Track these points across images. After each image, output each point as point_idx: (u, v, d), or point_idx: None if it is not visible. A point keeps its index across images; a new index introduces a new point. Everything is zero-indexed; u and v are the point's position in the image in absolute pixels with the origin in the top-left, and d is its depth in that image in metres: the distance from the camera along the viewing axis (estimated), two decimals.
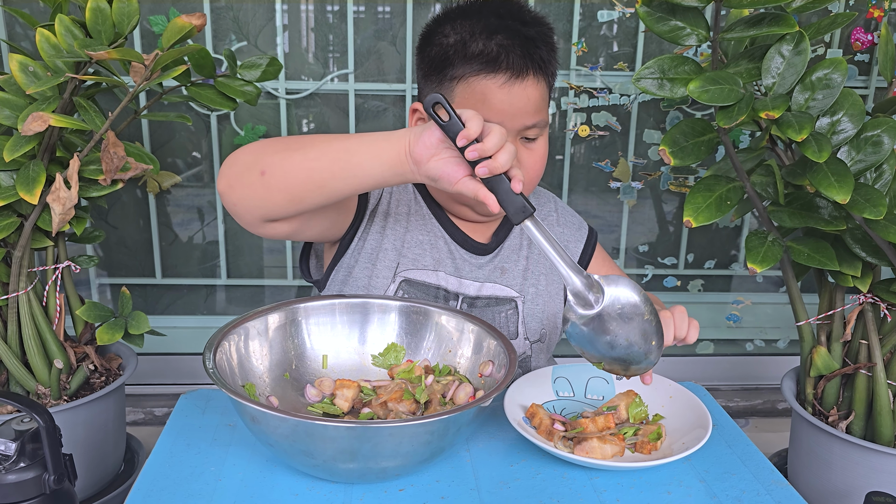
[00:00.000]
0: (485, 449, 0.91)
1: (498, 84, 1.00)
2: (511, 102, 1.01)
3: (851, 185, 1.13)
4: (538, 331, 1.15)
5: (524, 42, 1.01)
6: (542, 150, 1.08)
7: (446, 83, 1.03)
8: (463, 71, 1.01)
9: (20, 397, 0.86)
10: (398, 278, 1.09)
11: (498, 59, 0.99)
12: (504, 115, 1.01)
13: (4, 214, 1.32)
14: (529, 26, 1.03)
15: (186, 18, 1.22)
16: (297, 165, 0.89)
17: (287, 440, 0.77)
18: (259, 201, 0.91)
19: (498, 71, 1.00)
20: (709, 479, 0.87)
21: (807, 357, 1.45)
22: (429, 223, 1.13)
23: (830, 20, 1.29)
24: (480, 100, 1.00)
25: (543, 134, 1.07)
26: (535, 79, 1.02)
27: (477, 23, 1.02)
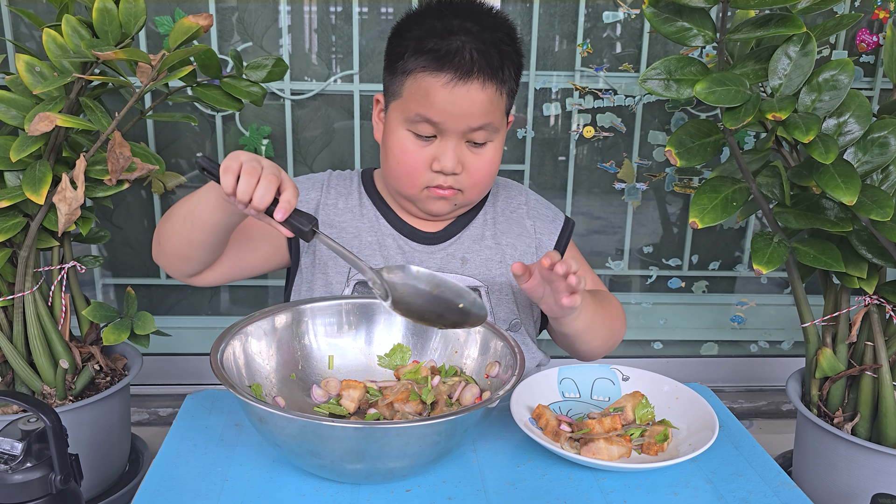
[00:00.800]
0: (491, 450, 0.91)
1: (441, 83, 1.00)
2: (453, 103, 1.01)
3: (858, 187, 1.13)
4: (509, 319, 1.14)
5: (476, 45, 1.01)
6: (490, 155, 1.07)
7: (398, 76, 1.05)
8: (412, 65, 1.02)
9: (26, 397, 0.86)
10: (352, 282, 1.11)
11: (445, 58, 1.00)
12: (445, 116, 1.02)
13: (10, 214, 1.32)
14: (487, 30, 1.03)
15: (193, 19, 1.22)
16: (168, 231, 1.05)
17: (295, 441, 0.77)
18: (167, 263, 1.09)
19: (442, 70, 1.00)
20: (715, 481, 0.86)
21: (812, 358, 1.45)
22: (375, 223, 1.14)
23: (836, 21, 1.29)
24: (424, 96, 1.02)
25: (494, 140, 1.07)
26: (480, 83, 1.01)
27: (438, 21, 1.03)
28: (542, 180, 2.01)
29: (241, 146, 1.88)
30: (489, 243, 1.15)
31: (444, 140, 1.04)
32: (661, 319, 2.15)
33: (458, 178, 1.06)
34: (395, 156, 1.07)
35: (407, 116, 1.04)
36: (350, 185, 1.18)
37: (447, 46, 1.00)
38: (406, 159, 1.05)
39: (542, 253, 1.18)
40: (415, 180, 1.06)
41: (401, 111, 1.05)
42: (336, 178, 1.18)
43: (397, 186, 1.10)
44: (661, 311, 2.14)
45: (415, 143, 1.05)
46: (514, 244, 1.16)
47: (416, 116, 1.03)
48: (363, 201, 1.16)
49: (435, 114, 1.01)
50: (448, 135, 1.03)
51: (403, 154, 1.05)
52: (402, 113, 1.05)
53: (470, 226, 1.16)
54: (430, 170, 1.05)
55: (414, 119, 1.03)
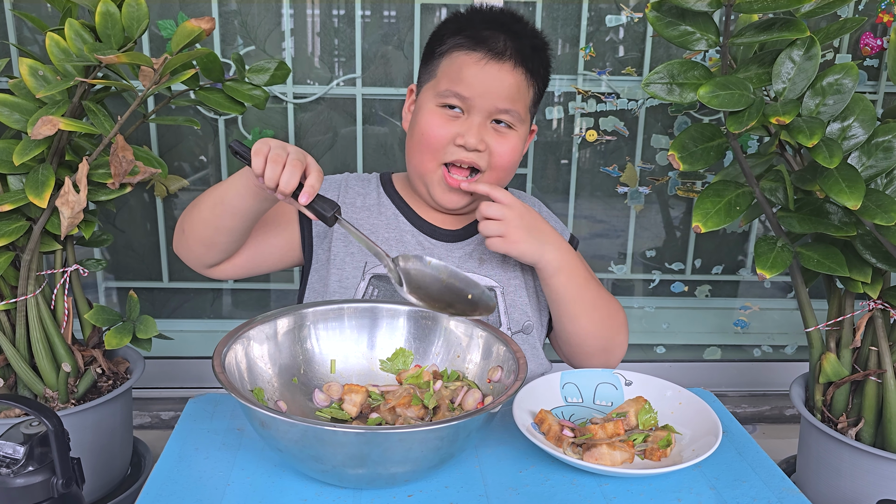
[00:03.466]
0: (494, 455, 0.91)
1: (474, 59, 1.06)
2: (483, 80, 1.06)
3: (863, 191, 1.13)
4: (521, 321, 1.15)
5: (512, 37, 1.07)
6: (514, 142, 1.10)
7: (434, 60, 1.11)
8: (448, 46, 1.09)
9: (29, 401, 0.86)
10: (367, 275, 1.12)
11: (481, 38, 1.07)
12: (475, 91, 1.06)
13: (13, 218, 1.32)
14: (524, 34, 1.10)
15: (196, 22, 1.22)
16: (196, 218, 1.07)
17: (296, 445, 0.77)
18: (189, 252, 1.12)
19: (477, 48, 1.07)
20: (719, 487, 0.86)
21: (816, 363, 1.44)
22: (393, 221, 1.16)
23: (840, 25, 1.29)
24: (456, 71, 1.07)
25: (518, 130, 1.10)
26: (512, 66, 1.07)
27: (478, 19, 1.10)
28: (544, 184, 2.01)
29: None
30: None
31: (470, 117, 1.08)
32: (664, 324, 2.14)
33: (480, 156, 1.09)
34: (420, 129, 1.10)
35: (438, 91, 1.08)
36: (368, 186, 1.20)
37: (485, 33, 1.07)
38: (431, 131, 1.09)
39: None
40: (435, 153, 1.09)
41: (433, 90, 1.10)
42: (354, 179, 1.21)
43: (418, 163, 1.12)
44: (664, 315, 2.14)
45: (442, 118, 1.08)
46: None
47: (446, 91, 1.07)
48: (381, 200, 1.18)
49: (465, 88, 1.06)
50: (475, 112, 1.07)
51: (429, 126, 1.09)
52: (433, 90, 1.09)
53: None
54: (452, 143, 1.08)
55: (444, 94, 1.07)
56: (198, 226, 1.07)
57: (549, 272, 1.08)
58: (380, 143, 1.93)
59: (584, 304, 1.11)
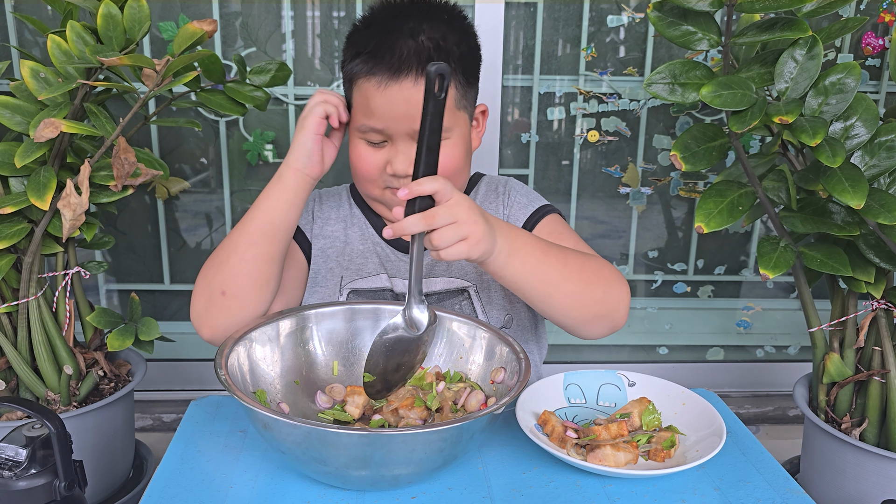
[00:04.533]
0: (497, 456, 0.90)
1: (374, 85, 0.99)
2: (390, 105, 0.99)
3: (866, 190, 1.13)
4: (501, 317, 1.13)
5: (410, 43, 0.98)
6: (448, 152, 1.03)
7: (347, 85, 1.06)
8: (351, 70, 1.03)
9: (31, 403, 0.86)
10: (345, 290, 1.12)
11: (376, 57, 0.98)
12: (387, 121, 1.01)
13: (15, 220, 1.32)
14: (428, 24, 1.00)
15: (198, 24, 1.22)
16: (240, 263, 0.97)
17: (299, 447, 0.77)
18: (239, 313, 0.97)
19: (374, 71, 0.99)
20: (723, 488, 0.86)
21: (819, 364, 1.44)
22: (365, 231, 1.16)
23: (842, 24, 1.28)
24: (364, 103, 1.01)
25: (450, 137, 1.04)
26: (413, 80, 0.98)
27: (374, 23, 1.02)
28: (546, 185, 2.00)
29: (245, 151, 1.88)
30: None
31: (393, 144, 1.04)
32: (667, 324, 2.14)
33: None
34: (353, 163, 1.08)
35: (356, 126, 1.05)
36: (340, 198, 1.20)
37: (378, 46, 0.99)
38: (361, 165, 1.06)
39: None
40: (373, 184, 1.07)
41: (353, 120, 1.06)
42: (325, 195, 1.21)
43: (362, 191, 1.12)
44: (667, 316, 2.13)
45: (368, 149, 1.05)
46: None
47: (363, 126, 1.03)
48: (353, 211, 1.18)
49: (377, 121, 1.01)
50: (396, 138, 1.03)
51: (359, 160, 1.06)
52: (353, 122, 1.06)
53: None
54: (385, 173, 1.05)
55: (362, 129, 1.04)
56: (245, 270, 0.96)
57: (499, 263, 0.89)
58: None
59: (550, 280, 0.93)
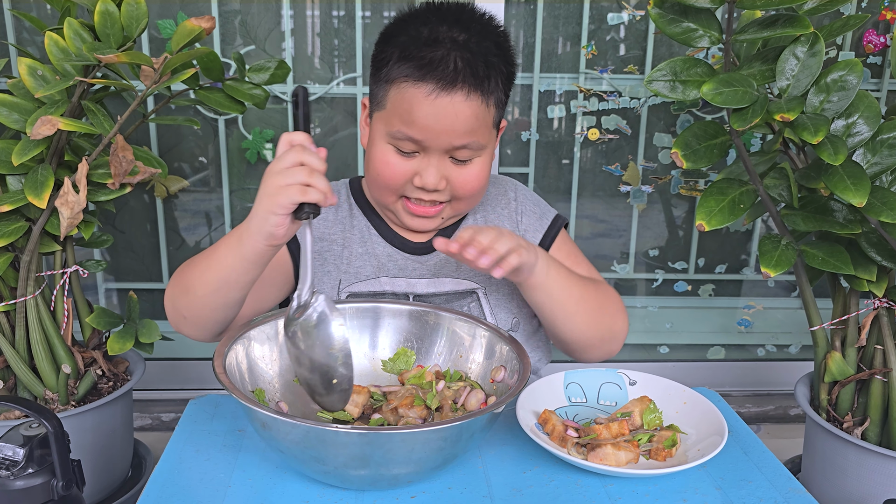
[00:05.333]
0: (497, 455, 0.90)
1: (424, 94, 0.97)
2: (436, 117, 0.97)
3: (868, 188, 1.12)
4: (509, 321, 1.12)
5: (463, 55, 0.97)
6: (477, 170, 1.03)
7: (382, 84, 1.01)
8: (396, 73, 0.99)
9: (29, 402, 0.86)
10: (343, 294, 1.09)
11: (428, 66, 0.96)
12: (428, 132, 0.98)
13: (13, 219, 1.32)
14: (475, 38, 0.99)
15: (196, 21, 1.22)
16: (199, 301, 0.96)
17: (298, 446, 0.76)
18: (200, 332, 1.00)
19: (425, 79, 0.96)
20: (725, 487, 0.85)
21: (821, 362, 1.43)
22: (366, 233, 1.12)
23: (843, 22, 1.28)
24: (407, 109, 0.98)
25: (480, 156, 1.03)
26: (464, 94, 0.97)
27: (425, 28, 1.00)
28: (546, 183, 2.00)
29: (244, 150, 1.88)
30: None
31: (426, 156, 1.01)
32: (668, 323, 2.13)
33: (443, 193, 1.04)
34: (375, 167, 1.04)
35: (389, 131, 1.01)
36: (339, 196, 1.16)
37: (431, 55, 0.97)
38: (386, 171, 1.03)
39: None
40: (393, 192, 1.05)
41: (384, 123, 1.02)
42: None
43: (376, 196, 1.09)
44: (668, 314, 2.13)
45: (397, 156, 1.02)
46: None
47: (398, 133, 1.00)
48: (353, 212, 1.14)
49: (417, 131, 0.98)
50: (431, 151, 1.01)
51: (384, 166, 1.03)
52: (385, 126, 1.02)
53: (461, 229, 1.14)
54: (411, 184, 1.03)
55: (396, 135, 1.00)
56: (204, 309, 0.97)
57: (541, 276, 0.97)
58: None
59: (575, 299, 1.02)
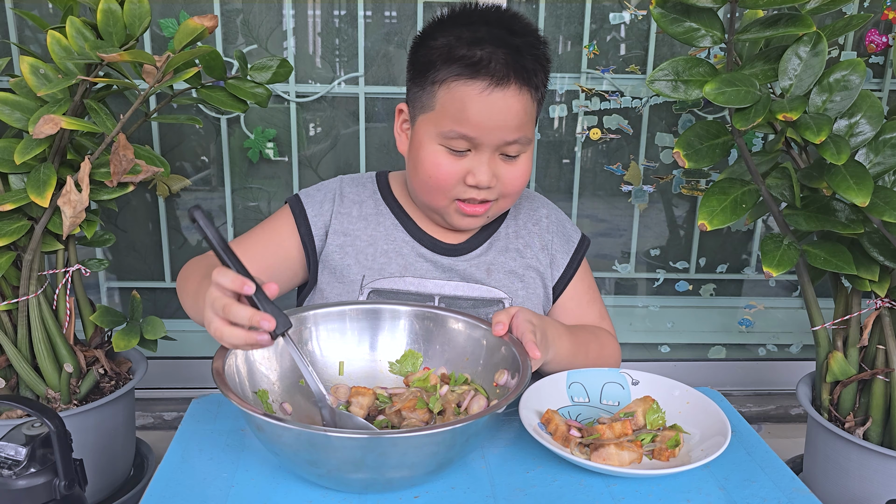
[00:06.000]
0: (500, 455, 0.90)
1: (477, 91, 0.98)
2: (490, 113, 0.98)
3: (871, 188, 1.12)
4: None
5: (509, 50, 0.98)
6: (524, 166, 1.05)
7: (428, 87, 1.02)
8: (445, 74, 0.99)
9: (31, 402, 0.86)
10: (366, 290, 1.09)
11: (479, 63, 0.97)
12: (482, 129, 0.99)
13: (15, 217, 1.31)
14: (517, 36, 1.00)
15: (198, 20, 1.21)
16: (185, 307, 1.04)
17: (290, 449, 0.76)
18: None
19: (478, 76, 0.97)
20: (728, 487, 0.85)
21: (823, 362, 1.43)
22: (392, 232, 1.12)
23: (845, 22, 1.28)
24: (459, 108, 0.99)
25: (526, 151, 1.05)
26: (517, 88, 0.99)
27: (465, 29, 1.00)
28: (548, 182, 2.00)
29: (247, 149, 1.88)
30: (513, 255, 1.14)
31: (478, 154, 1.02)
32: (669, 323, 2.13)
33: (492, 190, 1.04)
34: (426, 170, 1.04)
35: (440, 131, 1.01)
36: (364, 192, 1.15)
37: (480, 53, 0.98)
38: (439, 173, 1.03)
39: (555, 269, 1.17)
40: (446, 193, 1.05)
41: (433, 125, 1.02)
42: (349, 185, 1.15)
43: (427, 200, 1.08)
44: (669, 314, 2.13)
45: (448, 157, 1.02)
46: (536, 256, 1.16)
47: (450, 132, 1.00)
48: (380, 209, 1.13)
49: (471, 128, 0.99)
50: (483, 148, 1.01)
51: (436, 168, 1.03)
52: (434, 127, 1.02)
53: (494, 237, 1.14)
54: (463, 183, 1.03)
55: (448, 134, 1.00)
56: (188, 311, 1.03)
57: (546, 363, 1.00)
58: (382, 142, 1.92)
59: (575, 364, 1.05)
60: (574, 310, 1.19)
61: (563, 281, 1.18)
